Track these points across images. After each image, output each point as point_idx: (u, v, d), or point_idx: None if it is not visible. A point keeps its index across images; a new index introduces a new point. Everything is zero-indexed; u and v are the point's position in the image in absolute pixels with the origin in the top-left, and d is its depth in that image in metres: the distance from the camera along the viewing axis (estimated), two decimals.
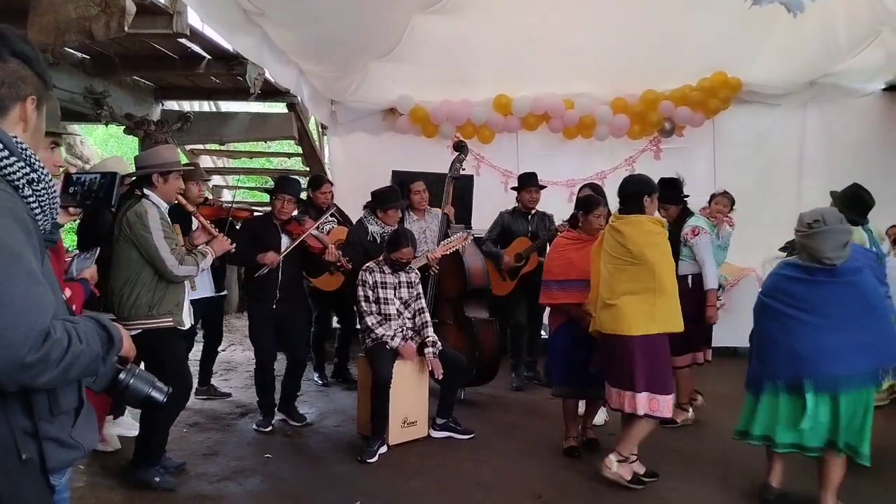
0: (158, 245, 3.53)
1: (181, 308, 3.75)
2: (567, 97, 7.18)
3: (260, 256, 4.52)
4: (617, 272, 3.68)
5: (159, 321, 3.61)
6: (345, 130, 7.62)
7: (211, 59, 5.79)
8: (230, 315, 8.78)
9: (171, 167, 3.68)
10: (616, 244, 3.70)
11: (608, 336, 3.70)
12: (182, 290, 3.79)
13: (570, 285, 4.10)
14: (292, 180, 4.98)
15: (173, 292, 3.69)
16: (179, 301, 3.74)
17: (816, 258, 3.25)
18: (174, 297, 3.69)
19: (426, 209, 5.67)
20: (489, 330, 5.30)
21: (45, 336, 1.36)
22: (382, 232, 5.07)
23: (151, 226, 3.53)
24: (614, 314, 3.64)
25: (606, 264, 3.74)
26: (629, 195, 3.78)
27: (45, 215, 1.54)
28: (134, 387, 1.72)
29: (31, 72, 1.52)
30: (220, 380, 5.87)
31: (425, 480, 3.90)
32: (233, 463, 4.10)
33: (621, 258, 3.67)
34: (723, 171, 7.32)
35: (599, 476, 3.75)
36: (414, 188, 5.66)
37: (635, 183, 3.85)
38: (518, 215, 5.81)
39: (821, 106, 7.26)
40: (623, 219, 3.74)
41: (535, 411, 5.14)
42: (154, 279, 3.60)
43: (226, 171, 9.69)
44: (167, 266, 3.56)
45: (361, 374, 4.61)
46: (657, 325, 3.60)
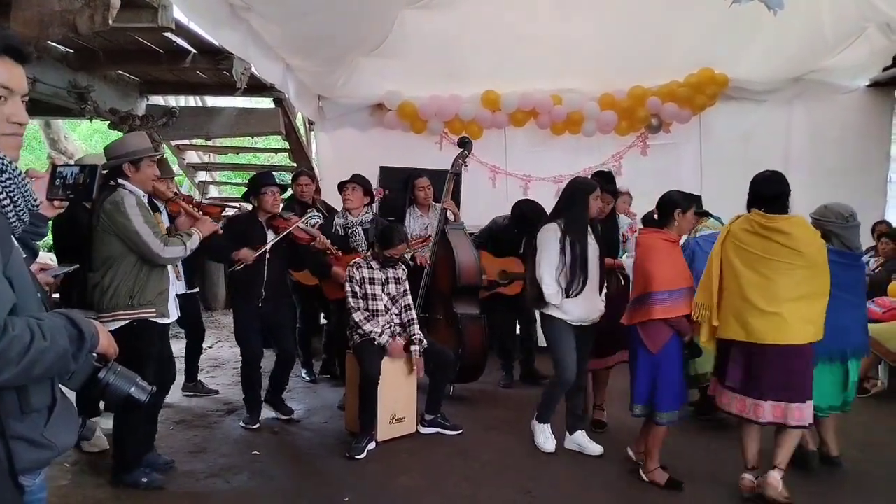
0: (140, 230, 3.44)
1: (165, 298, 3.64)
2: (555, 93, 7.19)
3: (234, 254, 4.45)
4: (779, 276, 3.34)
5: (141, 312, 3.50)
6: (332, 126, 7.59)
7: (197, 53, 5.75)
8: (217, 312, 8.74)
9: (140, 154, 3.56)
10: (778, 246, 3.35)
11: (765, 347, 3.35)
12: (165, 279, 3.66)
13: (680, 295, 3.63)
14: (269, 173, 5.02)
15: (155, 281, 3.57)
16: (163, 290, 3.62)
17: (848, 245, 3.74)
18: (156, 287, 3.58)
19: (430, 205, 5.64)
20: (477, 327, 5.29)
21: (2, 332, 1.33)
22: (345, 224, 5.06)
23: (129, 212, 3.43)
24: (777, 323, 3.32)
25: (760, 268, 3.38)
26: (778, 195, 3.46)
27: (19, 207, 1.50)
28: (114, 385, 1.67)
29: None
30: (207, 377, 5.84)
31: (414, 476, 3.90)
32: (220, 460, 4.08)
33: (787, 261, 3.33)
34: (709, 167, 7.37)
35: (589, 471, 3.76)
36: (418, 184, 5.61)
37: (781, 182, 3.49)
38: (511, 229, 5.64)
39: (806, 102, 7.32)
40: (782, 219, 3.39)
41: (525, 407, 5.13)
42: (135, 268, 3.49)
43: (212, 167, 9.62)
44: (152, 249, 3.46)
45: (350, 371, 4.60)
46: (820, 330, 3.39)
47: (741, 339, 3.42)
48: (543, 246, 4.01)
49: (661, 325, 3.60)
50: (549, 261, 3.96)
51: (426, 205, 5.62)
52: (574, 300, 3.95)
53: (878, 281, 5.77)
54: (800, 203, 5.10)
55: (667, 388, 3.63)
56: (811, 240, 3.40)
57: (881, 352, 5.30)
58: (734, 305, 3.43)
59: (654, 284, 3.59)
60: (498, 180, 7.37)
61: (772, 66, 6.98)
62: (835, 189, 3.75)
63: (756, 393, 3.42)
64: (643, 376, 3.68)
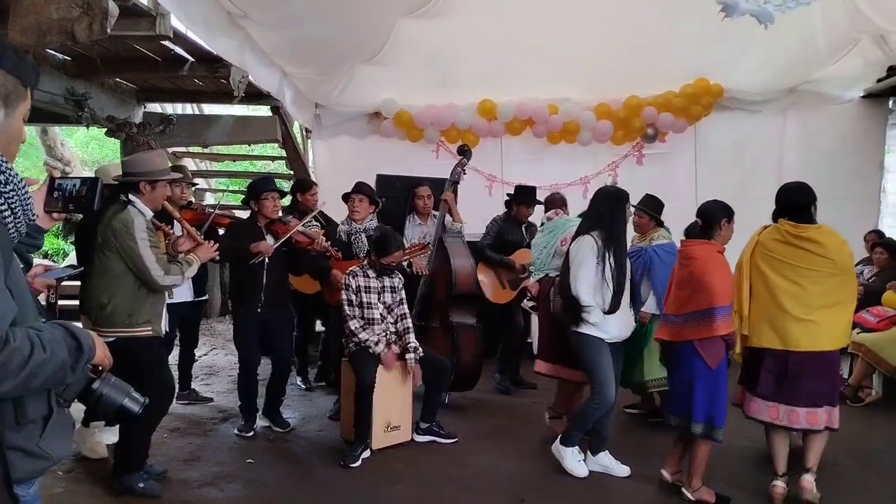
0: (145, 255, 3.48)
1: (160, 316, 3.70)
2: (551, 102, 7.22)
3: (253, 246, 4.47)
4: (812, 285, 3.42)
5: (137, 330, 3.54)
6: (329, 134, 7.61)
7: (194, 61, 5.76)
8: (212, 319, 8.72)
9: (159, 175, 3.61)
10: (811, 255, 3.42)
11: (800, 354, 3.43)
12: (162, 300, 3.73)
13: (732, 309, 3.58)
14: (269, 178, 5.06)
15: (154, 302, 3.63)
16: (160, 311, 3.69)
17: None
18: (154, 307, 3.64)
19: (429, 214, 5.66)
20: (472, 336, 5.29)
21: (3, 344, 1.33)
22: (349, 231, 5.07)
23: (137, 235, 3.47)
24: (812, 330, 3.41)
25: (792, 277, 3.45)
26: (806, 205, 3.52)
27: (18, 219, 1.50)
28: (108, 396, 1.68)
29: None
30: (202, 384, 5.82)
31: (409, 485, 3.90)
32: (214, 469, 4.07)
33: (819, 269, 3.41)
34: (703, 177, 7.40)
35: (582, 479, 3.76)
36: (419, 192, 5.61)
37: (809, 192, 3.55)
38: (512, 223, 5.83)
39: (800, 112, 7.36)
40: (812, 228, 3.47)
41: (520, 415, 5.15)
42: (135, 288, 3.53)
43: (209, 175, 9.64)
44: (153, 276, 3.50)
45: (345, 379, 4.59)
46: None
47: (777, 347, 3.47)
48: (580, 261, 3.79)
49: (718, 340, 3.50)
50: (587, 277, 3.76)
51: (426, 214, 5.64)
52: (613, 316, 3.79)
53: (872, 290, 5.79)
54: None
55: (724, 403, 3.55)
56: (841, 248, 3.45)
57: (875, 361, 5.32)
58: (768, 314, 3.49)
59: (718, 300, 3.47)
60: (494, 189, 7.38)
61: (766, 76, 7.03)
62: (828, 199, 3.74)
63: (790, 399, 3.48)
64: (703, 392, 3.51)
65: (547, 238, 4.86)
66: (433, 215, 5.62)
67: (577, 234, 3.93)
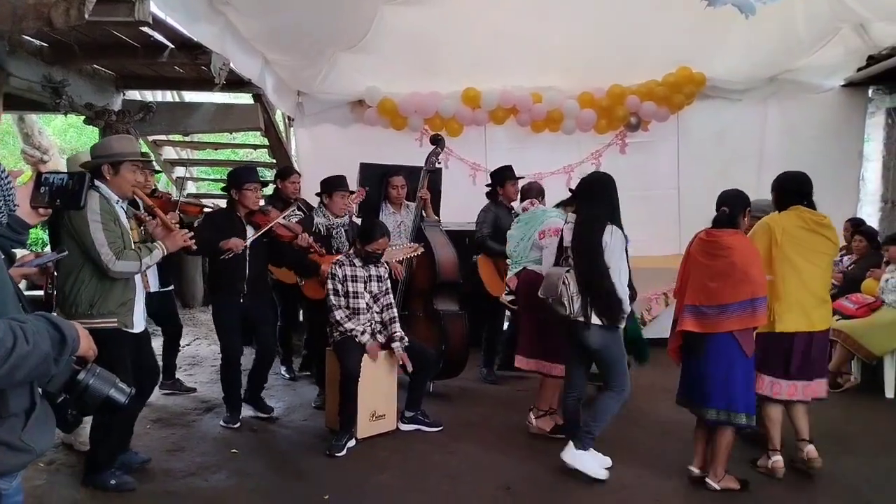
0: (95, 237, 3.31)
1: (129, 308, 3.51)
2: (535, 91, 7.21)
3: (223, 242, 4.40)
4: (826, 268, 3.82)
5: (101, 321, 3.35)
6: (311, 122, 7.55)
7: (174, 48, 5.68)
8: (195, 309, 8.67)
9: (120, 157, 3.47)
10: (826, 241, 3.75)
11: (821, 333, 3.77)
12: (130, 289, 3.53)
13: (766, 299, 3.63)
14: (252, 168, 4.97)
15: (118, 290, 3.46)
16: (127, 301, 3.50)
17: None
18: (119, 296, 3.46)
19: (403, 203, 5.64)
20: (458, 323, 5.30)
21: None
22: (328, 224, 5.03)
23: (89, 217, 3.31)
24: (826, 310, 3.83)
25: (816, 262, 3.72)
26: (811, 192, 3.80)
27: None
28: (94, 387, 1.67)
29: None
30: (185, 374, 5.79)
31: (394, 473, 3.91)
32: (198, 459, 4.05)
33: (829, 254, 3.82)
34: (686, 165, 7.45)
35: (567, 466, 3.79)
36: (393, 182, 5.59)
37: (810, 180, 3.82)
38: (502, 209, 5.70)
39: (781, 101, 7.41)
40: (824, 216, 3.78)
41: (504, 403, 5.17)
42: (96, 275, 3.38)
43: (190, 163, 9.53)
44: (102, 259, 3.32)
45: (330, 368, 4.58)
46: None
47: (805, 329, 3.71)
48: (617, 253, 3.66)
49: (750, 330, 3.56)
50: (625, 269, 3.70)
51: (399, 203, 5.61)
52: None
53: (852, 278, 5.87)
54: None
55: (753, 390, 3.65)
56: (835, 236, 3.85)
57: (853, 347, 5.39)
58: (799, 299, 3.71)
59: (760, 290, 3.51)
60: (478, 177, 7.37)
61: (748, 65, 7.06)
62: None
63: (809, 375, 3.76)
64: (742, 381, 3.54)
65: (523, 230, 4.76)
66: (406, 205, 5.60)
67: (596, 223, 3.70)
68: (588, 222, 3.75)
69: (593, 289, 3.65)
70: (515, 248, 4.80)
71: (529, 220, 4.78)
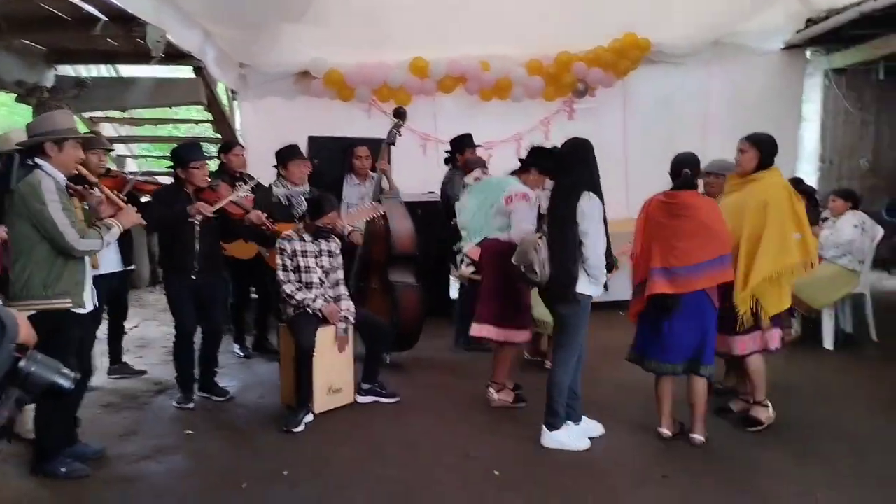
0: (56, 218, 3.25)
1: (81, 288, 3.46)
2: (483, 59, 7.17)
3: (190, 207, 4.31)
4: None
5: (55, 302, 3.31)
6: (256, 95, 7.36)
7: (108, 20, 5.44)
8: (141, 289, 8.46)
9: (65, 134, 3.36)
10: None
11: None
12: (82, 269, 3.48)
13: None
14: (196, 144, 4.88)
15: (71, 270, 3.40)
16: (79, 280, 3.45)
17: None
18: (72, 276, 3.40)
19: (368, 174, 5.59)
20: (412, 295, 5.31)
21: None
22: (288, 194, 4.98)
23: (46, 197, 3.23)
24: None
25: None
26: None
27: None
28: (36, 374, 1.62)
29: None
30: (134, 357, 5.65)
31: (353, 446, 3.92)
32: (152, 442, 3.98)
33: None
34: (632, 130, 7.54)
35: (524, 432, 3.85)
36: (357, 153, 5.62)
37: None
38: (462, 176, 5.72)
39: (723, 64, 7.54)
40: None
41: (460, 372, 5.22)
42: (50, 256, 3.30)
43: (130, 140, 9.22)
44: (67, 240, 3.27)
45: (284, 344, 4.55)
46: None
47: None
48: (595, 220, 3.62)
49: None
50: (602, 237, 3.67)
51: (363, 174, 5.60)
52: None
53: None
54: None
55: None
56: None
57: (794, 302, 5.58)
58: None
59: (727, 247, 3.67)
60: (428, 148, 7.33)
61: (691, 29, 7.15)
62: None
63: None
64: (713, 336, 3.74)
65: (480, 198, 4.63)
66: (371, 176, 5.57)
67: (572, 191, 3.64)
68: (564, 190, 3.71)
69: (554, 259, 3.64)
70: (472, 218, 4.63)
71: (485, 188, 4.67)
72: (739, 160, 3.92)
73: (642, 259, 3.82)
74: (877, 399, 4.52)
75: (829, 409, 4.35)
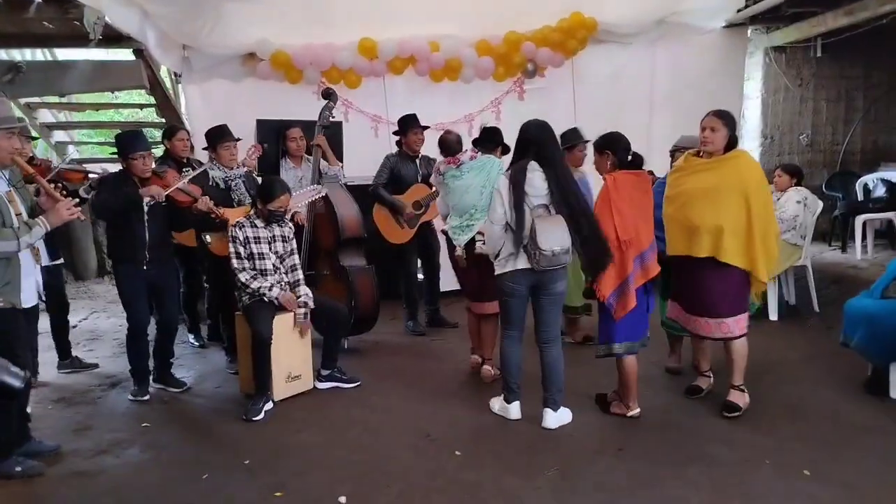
0: None
1: (15, 287, 3.35)
2: (432, 39, 7.11)
3: (143, 190, 4.20)
4: None
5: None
6: (201, 78, 7.15)
7: (41, 2, 5.23)
8: (89, 281, 8.24)
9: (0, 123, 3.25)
10: None
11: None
12: (13, 267, 3.36)
13: None
14: (138, 133, 4.71)
15: (2, 269, 3.28)
16: (11, 280, 3.32)
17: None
18: (3, 275, 3.28)
19: (302, 157, 5.53)
20: (366, 278, 5.31)
21: None
22: (225, 177, 4.89)
23: None
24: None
25: None
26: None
27: None
28: None
29: None
30: (85, 350, 5.53)
31: (314, 432, 3.92)
32: (107, 436, 3.92)
33: None
34: (582, 110, 7.59)
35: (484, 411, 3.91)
36: (290, 135, 5.52)
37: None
38: (405, 159, 5.75)
39: (668, 44, 7.64)
40: None
41: (419, 354, 5.26)
42: None
43: (70, 126, 8.90)
44: None
45: (240, 333, 4.50)
46: None
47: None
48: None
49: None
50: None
51: (298, 156, 5.55)
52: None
53: None
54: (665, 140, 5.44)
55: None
56: None
57: None
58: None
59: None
60: (380, 129, 7.27)
61: (636, 8, 7.23)
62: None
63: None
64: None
65: (482, 177, 4.39)
66: (306, 158, 5.51)
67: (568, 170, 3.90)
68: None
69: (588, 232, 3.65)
70: (479, 198, 4.36)
71: (484, 167, 4.44)
72: (711, 139, 3.77)
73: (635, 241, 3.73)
74: (819, 367, 4.73)
75: (775, 377, 4.53)
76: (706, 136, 3.79)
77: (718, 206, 3.74)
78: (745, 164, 3.83)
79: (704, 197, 3.78)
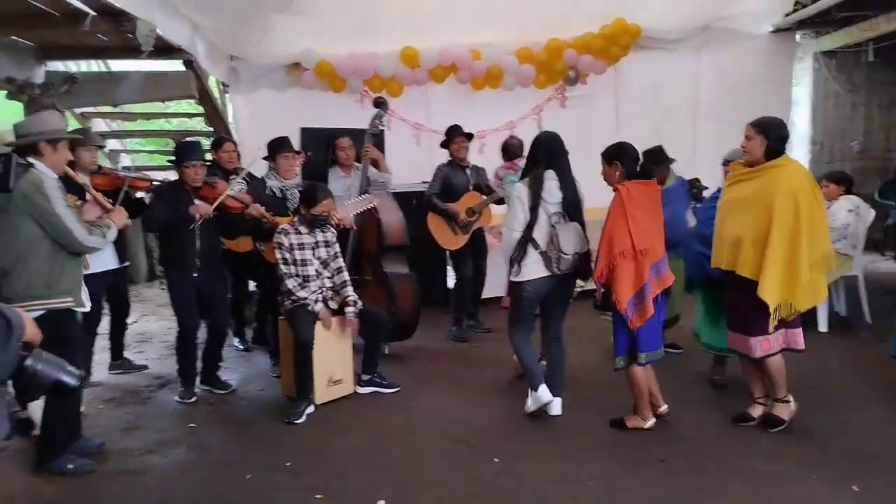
0: (63, 214, 3.27)
1: (80, 287, 3.51)
2: (473, 48, 7.16)
3: (192, 208, 4.34)
4: None
5: (58, 301, 3.35)
6: (248, 88, 7.33)
7: (96, 15, 5.42)
8: (139, 284, 8.47)
9: (59, 135, 3.41)
10: None
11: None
12: (80, 267, 3.55)
13: None
14: (194, 144, 4.85)
15: (72, 269, 3.43)
16: (79, 279, 3.50)
17: None
18: (73, 275, 3.44)
19: (352, 165, 5.61)
20: (407, 285, 5.35)
21: None
22: (282, 186, 4.99)
23: (51, 194, 3.25)
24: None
25: None
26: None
27: None
28: (42, 372, 1.64)
29: None
30: (135, 352, 5.69)
31: (354, 436, 3.96)
32: (155, 435, 4.02)
33: None
34: (624, 117, 7.55)
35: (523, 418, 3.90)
36: (340, 144, 5.60)
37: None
38: (456, 168, 5.84)
39: (713, 50, 7.55)
40: None
41: (459, 360, 5.27)
42: (52, 255, 3.32)
43: (122, 135, 9.19)
44: (76, 237, 3.32)
45: (283, 337, 4.58)
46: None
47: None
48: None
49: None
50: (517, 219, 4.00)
51: (348, 165, 5.61)
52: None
53: None
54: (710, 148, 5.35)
55: None
56: None
57: None
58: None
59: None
60: (422, 138, 7.34)
61: (681, 14, 7.16)
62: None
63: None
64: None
65: None
66: (356, 167, 5.58)
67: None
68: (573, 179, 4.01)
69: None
70: None
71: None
72: (748, 147, 3.68)
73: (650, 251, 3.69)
74: (870, 380, 4.59)
75: (823, 390, 4.41)
76: (743, 145, 3.75)
77: (745, 217, 3.63)
78: (787, 174, 3.59)
79: (738, 207, 3.69)
